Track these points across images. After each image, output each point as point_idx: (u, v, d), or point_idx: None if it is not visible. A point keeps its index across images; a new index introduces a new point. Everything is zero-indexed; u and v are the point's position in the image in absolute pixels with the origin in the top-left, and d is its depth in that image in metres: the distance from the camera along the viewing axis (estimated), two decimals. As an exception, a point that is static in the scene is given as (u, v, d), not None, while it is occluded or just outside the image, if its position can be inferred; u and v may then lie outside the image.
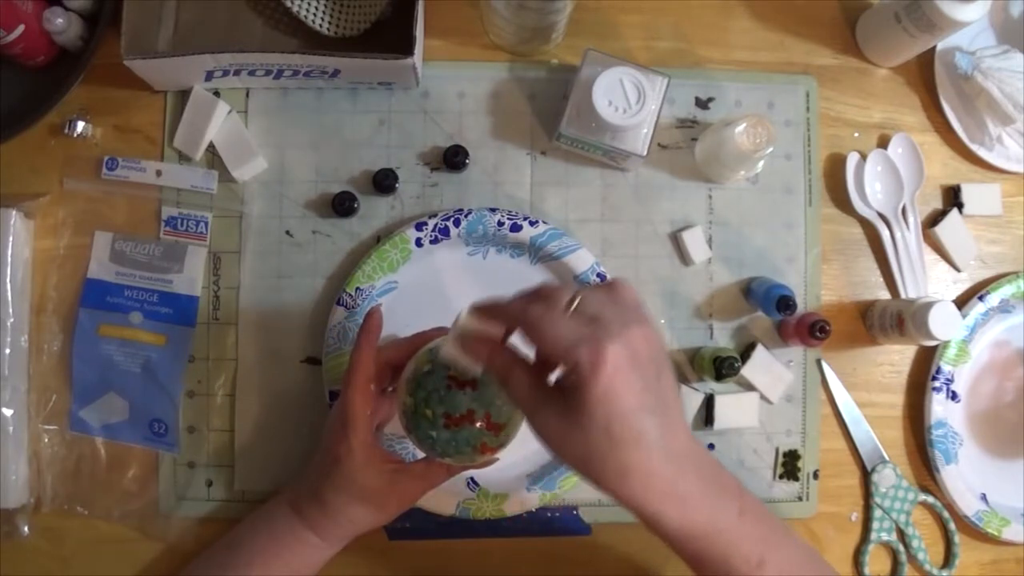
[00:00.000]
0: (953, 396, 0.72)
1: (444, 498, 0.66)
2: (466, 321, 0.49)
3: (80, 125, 0.68)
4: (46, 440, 0.68)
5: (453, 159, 0.69)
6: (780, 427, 0.71)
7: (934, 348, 0.72)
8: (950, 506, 0.71)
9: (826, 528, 0.71)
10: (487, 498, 0.67)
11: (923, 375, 0.72)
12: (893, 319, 0.68)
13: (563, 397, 0.44)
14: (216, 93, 0.70)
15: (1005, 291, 0.72)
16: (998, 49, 0.72)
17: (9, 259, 0.66)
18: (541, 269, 0.70)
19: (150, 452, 0.68)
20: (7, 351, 0.66)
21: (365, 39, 0.69)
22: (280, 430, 0.69)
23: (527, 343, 0.46)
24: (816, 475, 0.71)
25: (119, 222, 0.69)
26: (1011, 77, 0.70)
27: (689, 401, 0.70)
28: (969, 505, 0.70)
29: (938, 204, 0.75)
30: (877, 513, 0.71)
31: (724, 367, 0.66)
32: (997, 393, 0.74)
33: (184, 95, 0.69)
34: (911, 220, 0.73)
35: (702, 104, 0.73)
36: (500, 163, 0.71)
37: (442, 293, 0.69)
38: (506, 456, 0.63)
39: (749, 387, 0.70)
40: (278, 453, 0.68)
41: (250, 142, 0.69)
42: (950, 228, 0.73)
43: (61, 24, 0.65)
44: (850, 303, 0.73)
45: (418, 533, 0.68)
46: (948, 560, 0.72)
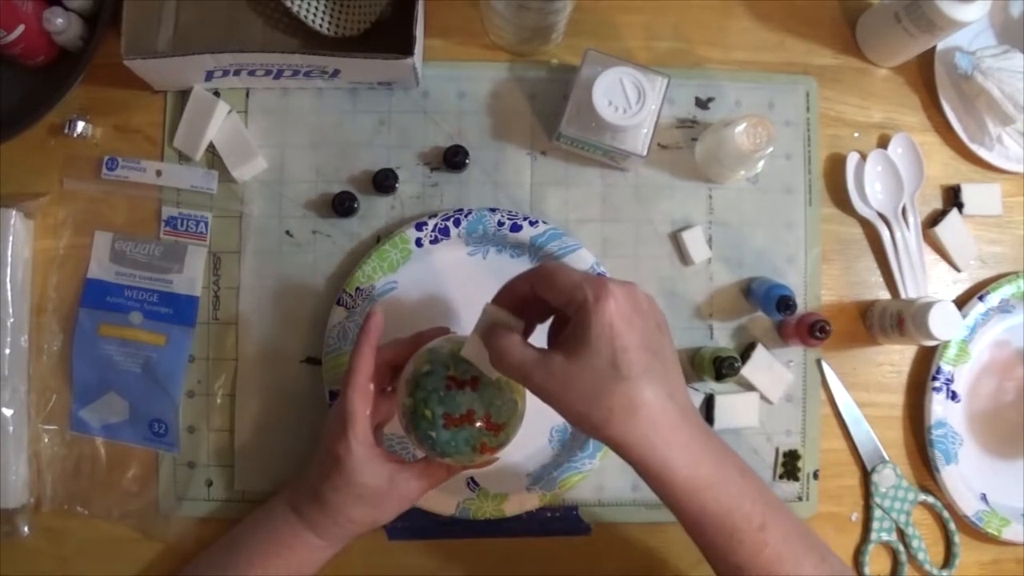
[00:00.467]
0: (953, 396, 0.72)
1: (444, 498, 0.66)
2: (493, 312, 0.50)
3: (80, 125, 0.68)
4: (46, 440, 0.68)
5: (453, 159, 0.69)
6: (780, 427, 0.71)
7: (934, 348, 0.72)
8: (950, 506, 0.71)
9: (826, 528, 0.71)
10: (487, 498, 0.67)
11: (923, 375, 0.72)
12: (893, 319, 0.68)
13: (565, 344, 0.46)
14: (216, 93, 0.70)
15: (1005, 291, 0.72)
16: (998, 49, 0.72)
17: (9, 259, 0.66)
18: (541, 269, 0.70)
19: (150, 452, 0.68)
20: (7, 351, 0.66)
21: (365, 39, 0.69)
22: (280, 430, 0.69)
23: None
24: (816, 475, 0.71)
25: (119, 222, 0.69)
26: (1011, 77, 0.70)
27: (689, 401, 0.69)
28: (969, 505, 0.70)
29: (938, 204, 0.75)
30: (877, 513, 0.71)
31: (724, 367, 0.66)
32: (997, 393, 0.74)
33: (184, 95, 0.69)
34: (911, 220, 0.73)
35: (702, 104, 0.73)
36: (500, 163, 0.71)
37: (442, 293, 0.69)
38: (506, 456, 0.63)
39: (749, 387, 0.70)
40: (278, 453, 0.68)
41: (250, 142, 0.69)
42: (950, 228, 0.73)
43: (61, 24, 0.65)
44: (850, 303, 0.73)
45: (418, 533, 0.68)
46: (948, 560, 0.72)
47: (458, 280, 0.70)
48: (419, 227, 0.68)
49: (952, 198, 0.74)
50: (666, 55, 0.73)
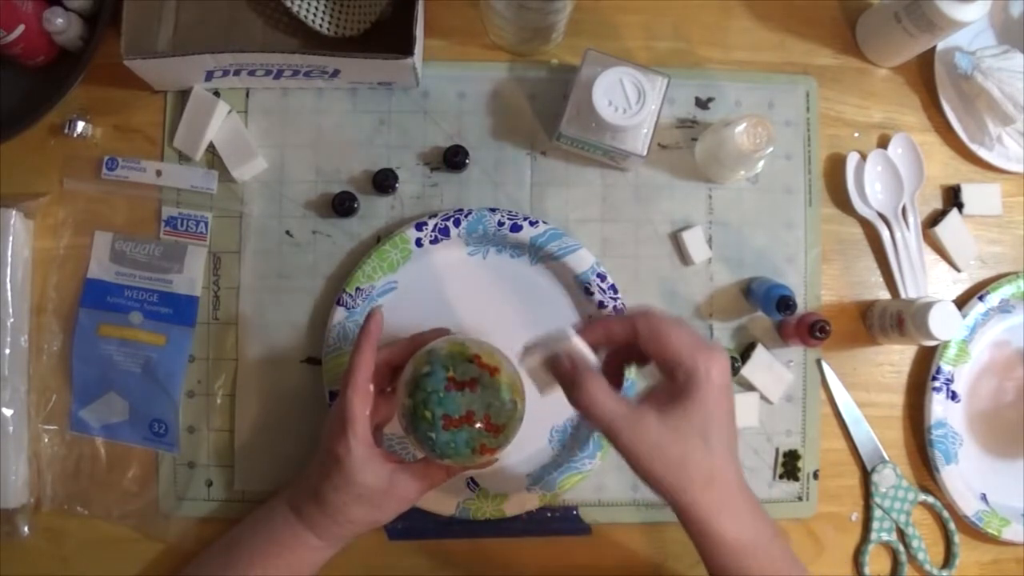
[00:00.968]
0: (953, 396, 0.72)
1: (444, 498, 0.66)
2: (577, 345, 0.49)
3: (80, 125, 0.68)
4: (46, 440, 0.68)
5: (453, 159, 0.69)
6: (780, 427, 0.71)
7: (934, 348, 0.72)
8: (950, 506, 0.71)
9: (826, 528, 0.71)
10: (487, 498, 0.67)
11: (923, 375, 0.72)
12: (893, 319, 0.68)
13: (658, 404, 0.46)
14: (216, 93, 0.70)
15: (1005, 291, 0.72)
16: (998, 49, 0.72)
17: (9, 259, 0.67)
18: (541, 269, 0.70)
19: (150, 452, 0.68)
20: (7, 351, 0.66)
21: (365, 39, 0.69)
22: (280, 430, 0.69)
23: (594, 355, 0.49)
24: (816, 475, 0.71)
25: (119, 222, 0.69)
26: (1011, 77, 0.70)
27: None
28: (969, 505, 0.70)
29: (938, 204, 0.75)
30: (877, 513, 0.71)
31: (724, 367, 0.66)
32: (997, 393, 0.74)
33: (184, 95, 0.69)
34: (911, 220, 0.73)
35: (702, 104, 0.73)
36: (500, 163, 0.71)
37: (442, 293, 0.69)
38: (506, 457, 0.63)
39: (749, 387, 0.70)
40: (278, 453, 0.68)
41: (250, 142, 0.69)
42: (950, 228, 0.73)
43: (61, 24, 0.65)
44: (850, 303, 0.73)
45: (418, 533, 0.68)
46: (948, 560, 0.72)
47: (458, 280, 0.70)
48: (419, 227, 0.68)
49: (952, 198, 0.74)
50: (666, 55, 0.73)
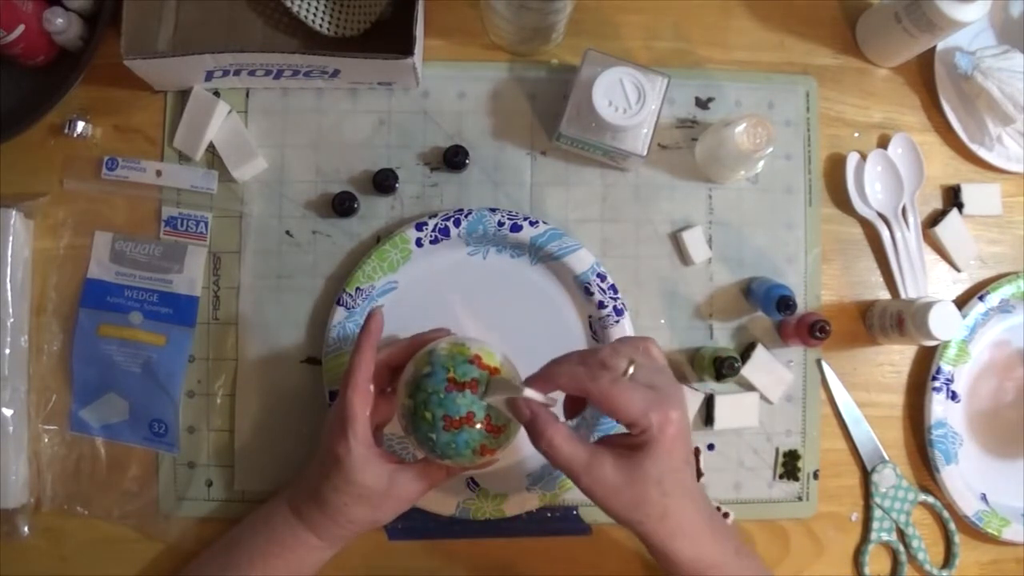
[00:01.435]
0: (953, 396, 0.72)
1: (444, 498, 0.66)
2: (527, 393, 0.51)
3: (80, 125, 0.68)
4: (46, 440, 0.68)
5: (453, 159, 0.69)
6: (780, 427, 0.71)
7: (934, 348, 0.72)
8: (950, 506, 0.71)
9: (826, 528, 0.71)
10: (487, 498, 0.67)
11: (923, 375, 0.72)
12: (893, 319, 0.68)
13: (615, 452, 0.49)
14: (216, 93, 0.70)
15: (1005, 291, 0.72)
16: (998, 49, 0.72)
17: (9, 259, 0.66)
18: (541, 269, 0.70)
19: (150, 452, 0.68)
20: (7, 351, 0.66)
21: (365, 39, 0.69)
22: (280, 430, 0.69)
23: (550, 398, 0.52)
24: (816, 475, 0.71)
25: (119, 222, 0.69)
26: (1011, 77, 0.70)
27: (689, 401, 0.69)
28: (969, 505, 0.70)
29: (938, 204, 0.75)
30: (877, 513, 0.71)
31: (724, 367, 0.66)
32: (997, 393, 0.74)
33: (184, 95, 0.69)
34: (911, 220, 0.73)
35: (702, 104, 0.73)
36: (500, 163, 0.71)
37: (442, 293, 0.69)
38: (506, 457, 0.63)
39: (749, 387, 0.70)
40: (278, 453, 0.68)
41: (250, 142, 0.69)
42: (950, 228, 0.73)
43: (61, 24, 0.65)
44: (850, 303, 0.73)
45: (418, 533, 0.68)
46: (948, 560, 0.72)
47: (458, 280, 0.70)
48: (419, 227, 0.68)
49: (952, 198, 0.74)
50: (666, 55, 0.73)
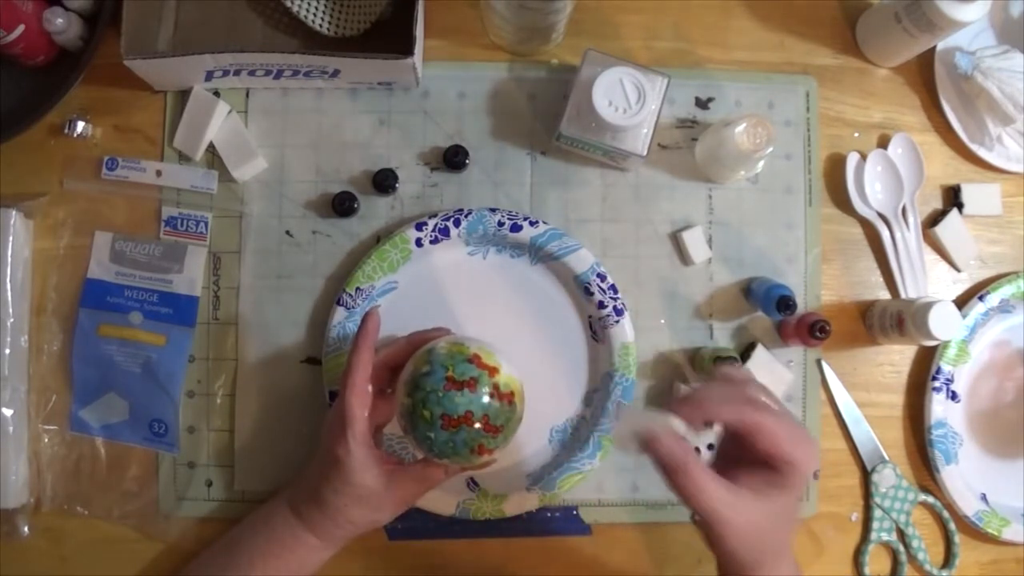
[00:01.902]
0: (953, 396, 0.72)
1: (444, 498, 0.66)
2: (668, 423, 0.48)
3: (80, 125, 0.68)
4: (46, 440, 0.68)
5: (453, 159, 0.69)
6: (780, 427, 0.71)
7: (934, 348, 0.72)
8: (950, 506, 0.71)
9: (826, 528, 0.71)
10: (487, 498, 0.67)
11: (923, 375, 0.72)
12: (893, 319, 0.68)
13: (754, 487, 0.48)
14: (216, 93, 0.70)
15: (1005, 291, 0.72)
16: (998, 49, 0.72)
17: (9, 259, 0.67)
18: (541, 269, 0.70)
19: (150, 452, 0.68)
20: (7, 351, 0.66)
21: (365, 39, 0.69)
22: (280, 430, 0.69)
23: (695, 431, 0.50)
24: (816, 475, 0.71)
25: (119, 222, 0.69)
26: (1011, 77, 0.70)
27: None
28: (969, 505, 0.70)
29: (938, 204, 0.75)
30: (877, 513, 0.71)
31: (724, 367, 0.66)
32: (997, 393, 0.74)
33: (184, 95, 0.69)
34: (911, 220, 0.73)
35: (702, 104, 0.73)
36: (500, 163, 0.71)
37: (442, 293, 0.69)
38: (506, 456, 0.63)
39: (749, 387, 0.70)
40: (278, 453, 0.68)
41: (250, 142, 0.69)
42: (950, 228, 0.73)
43: (61, 24, 0.65)
44: (850, 303, 0.73)
45: (418, 533, 0.68)
46: (948, 560, 0.72)
47: (458, 280, 0.70)
48: (419, 227, 0.68)
49: (952, 198, 0.74)
50: (666, 55, 0.73)
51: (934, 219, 0.74)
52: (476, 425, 0.52)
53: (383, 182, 0.69)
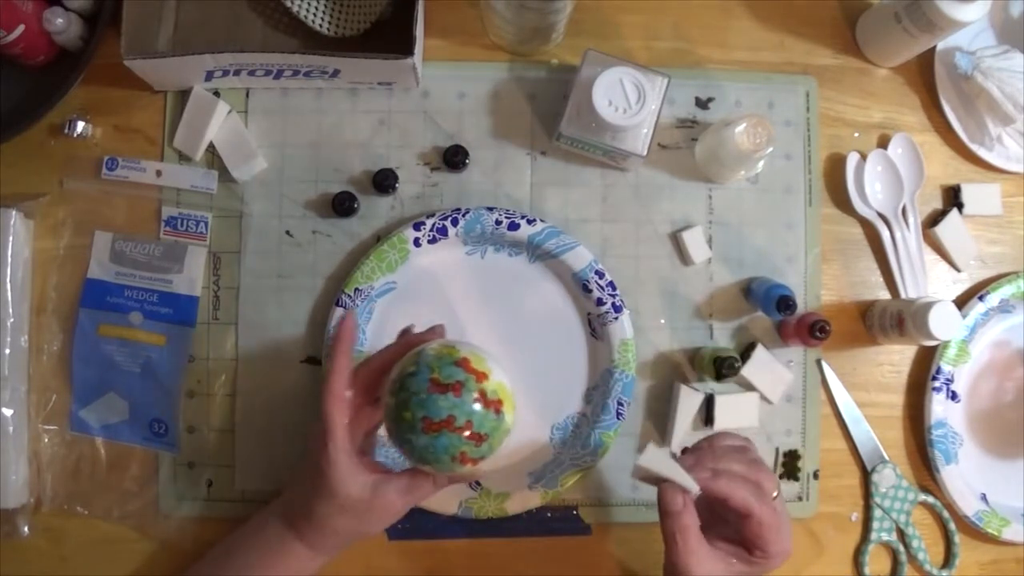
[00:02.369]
0: (953, 396, 0.72)
1: (446, 497, 0.66)
2: (686, 482, 0.54)
3: (80, 125, 0.68)
4: (46, 440, 0.68)
5: (453, 159, 0.69)
6: (780, 427, 0.71)
7: (934, 348, 0.72)
8: (950, 506, 0.71)
9: (826, 528, 0.71)
10: (489, 497, 0.67)
11: (923, 375, 0.72)
12: (893, 319, 0.68)
13: (733, 548, 0.56)
14: (216, 93, 0.70)
15: (1005, 291, 0.72)
16: (998, 49, 0.72)
17: (9, 259, 0.67)
18: (539, 267, 0.70)
19: (150, 452, 0.68)
20: (7, 351, 0.66)
21: (365, 39, 0.69)
22: (280, 430, 0.69)
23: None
24: (816, 475, 0.71)
25: (119, 222, 0.69)
26: (1011, 77, 0.70)
27: (689, 401, 0.69)
28: (969, 505, 0.70)
29: (938, 204, 0.75)
30: (877, 513, 0.71)
31: (724, 367, 0.66)
32: (997, 393, 0.74)
33: (184, 95, 0.69)
34: (911, 220, 0.73)
35: (702, 104, 0.73)
36: (500, 163, 0.71)
37: (441, 293, 0.69)
38: (508, 455, 0.63)
39: (749, 387, 0.70)
40: (278, 453, 0.68)
41: (250, 142, 0.69)
42: (950, 228, 0.73)
43: (61, 24, 0.65)
44: (850, 303, 0.73)
45: (418, 533, 0.68)
46: (948, 560, 0.72)
47: (457, 279, 0.70)
48: (417, 227, 0.68)
49: (952, 198, 0.74)
50: (666, 55, 0.73)
51: (934, 219, 0.74)
52: (459, 431, 0.50)
53: (383, 182, 0.69)
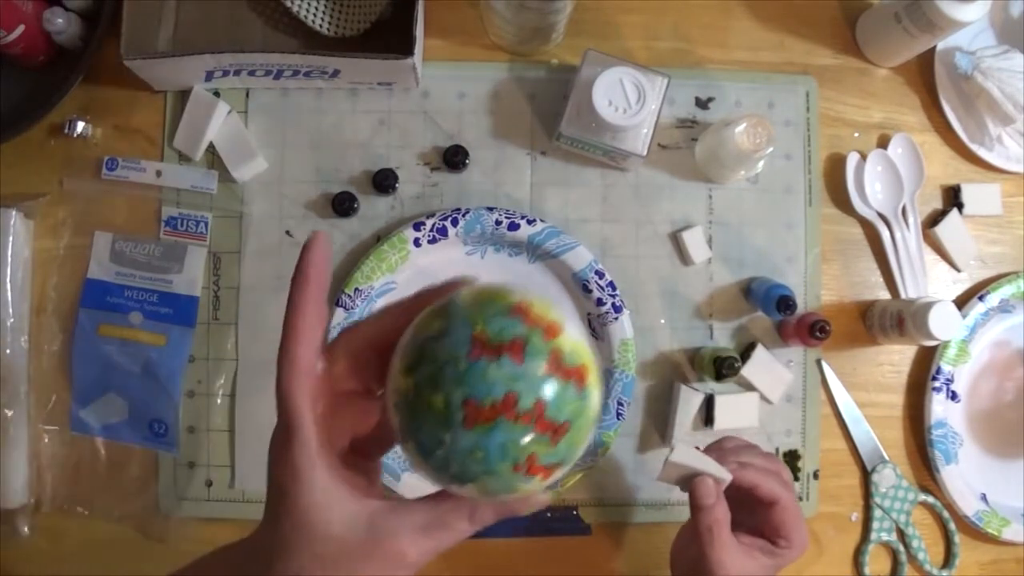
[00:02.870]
0: (953, 396, 0.72)
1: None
2: (719, 474, 0.53)
3: (80, 125, 0.68)
4: (46, 440, 0.68)
5: (453, 159, 0.69)
6: (780, 427, 0.71)
7: (934, 348, 0.72)
8: (950, 506, 0.71)
9: (826, 528, 0.71)
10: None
11: (923, 375, 0.72)
12: (893, 319, 0.68)
13: (759, 542, 0.56)
14: (216, 93, 0.70)
15: (1005, 291, 0.72)
16: (998, 49, 0.72)
17: (9, 259, 0.67)
18: (539, 267, 0.70)
19: (150, 452, 0.68)
20: (7, 351, 0.66)
21: (365, 39, 0.69)
22: (280, 430, 0.69)
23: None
24: (816, 475, 0.71)
25: (119, 222, 0.69)
26: (1011, 77, 0.70)
27: (689, 401, 0.69)
28: (969, 505, 0.70)
29: (938, 204, 0.75)
30: (877, 513, 0.71)
31: (724, 367, 0.66)
32: (997, 393, 0.74)
33: (184, 95, 0.69)
34: (911, 220, 0.73)
35: (702, 104, 0.73)
36: (500, 163, 0.71)
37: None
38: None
39: (749, 387, 0.70)
40: (278, 453, 0.68)
41: (250, 142, 0.69)
42: (950, 228, 0.73)
43: (61, 24, 0.65)
44: (850, 303, 0.73)
45: (418, 533, 0.68)
46: (948, 560, 0.72)
47: (458, 280, 0.69)
48: (417, 227, 0.68)
49: (952, 198, 0.74)
50: (666, 55, 0.73)
51: (934, 219, 0.74)
52: (524, 419, 0.30)
53: (383, 182, 0.69)
